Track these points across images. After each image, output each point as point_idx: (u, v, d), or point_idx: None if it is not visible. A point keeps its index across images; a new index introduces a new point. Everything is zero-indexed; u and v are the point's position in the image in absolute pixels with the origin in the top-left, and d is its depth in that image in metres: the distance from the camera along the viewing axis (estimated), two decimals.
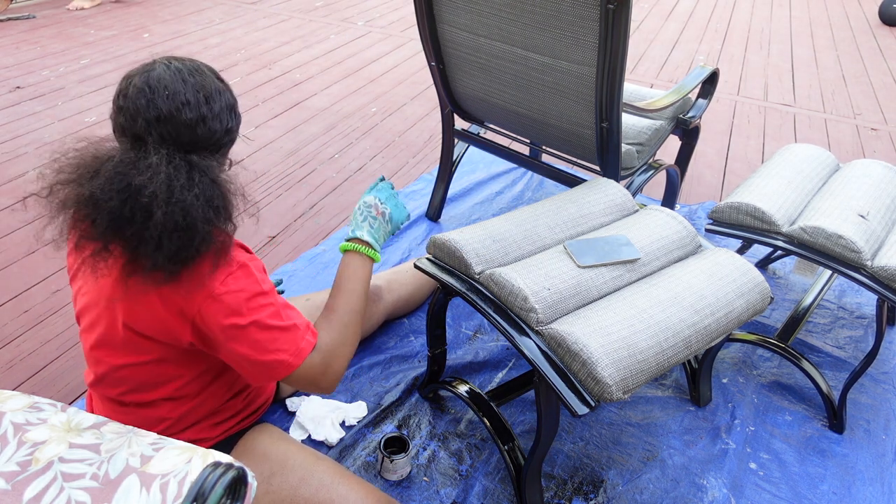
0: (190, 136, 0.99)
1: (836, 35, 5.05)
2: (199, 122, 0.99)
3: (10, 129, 2.94)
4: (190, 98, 0.98)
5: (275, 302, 1.06)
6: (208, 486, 0.69)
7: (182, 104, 0.97)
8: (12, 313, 1.92)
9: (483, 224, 1.46)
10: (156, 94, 0.97)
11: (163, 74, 0.99)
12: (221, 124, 1.02)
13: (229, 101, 1.04)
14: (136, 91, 0.97)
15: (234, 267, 1.02)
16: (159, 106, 0.96)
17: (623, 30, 1.49)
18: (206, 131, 1.00)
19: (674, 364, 1.24)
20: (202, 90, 1.00)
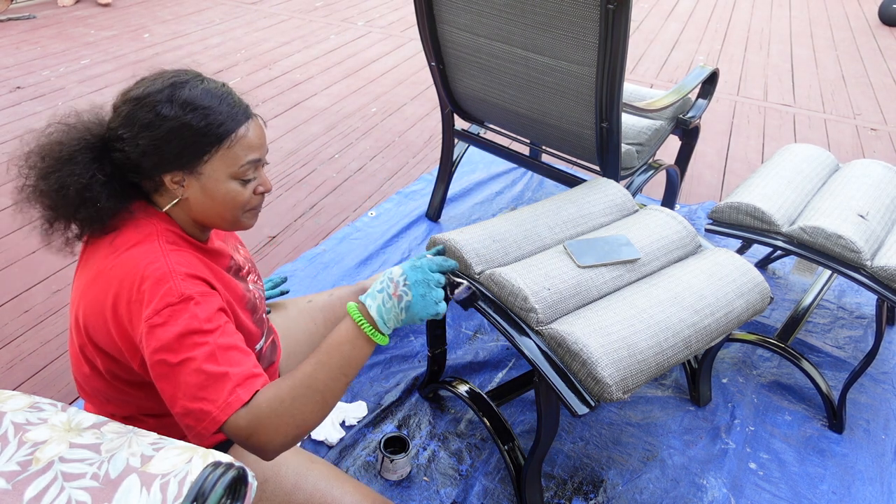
0: None
1: (835, 35, 5.05)
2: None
3: (10, 130, 2.94)
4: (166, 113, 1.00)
5: (212, 342, 0.95)
6: (208, 486, 0.69)
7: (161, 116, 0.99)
8: (12, 313, 1.92)
9: (483, 224, 1.46)
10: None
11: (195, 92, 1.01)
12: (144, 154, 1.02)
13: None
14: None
15: (175, 298, 0.95)
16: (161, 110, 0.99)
17: (623, 30, 1.49)
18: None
19: (674, 364, 1.24)
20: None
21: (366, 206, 2.56)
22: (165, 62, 3.77)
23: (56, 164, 1.01)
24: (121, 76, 3.56)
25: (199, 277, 1.00)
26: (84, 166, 1.01)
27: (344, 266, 2.19)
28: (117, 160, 1.03)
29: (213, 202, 1.05)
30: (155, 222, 1.05)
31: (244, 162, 1.03)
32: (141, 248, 1.00)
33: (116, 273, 0.99)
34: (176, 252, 1.01)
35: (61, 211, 1.03)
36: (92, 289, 1.02)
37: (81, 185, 1.00)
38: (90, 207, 1.01)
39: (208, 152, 1.01)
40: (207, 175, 1.02)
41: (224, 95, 1.02)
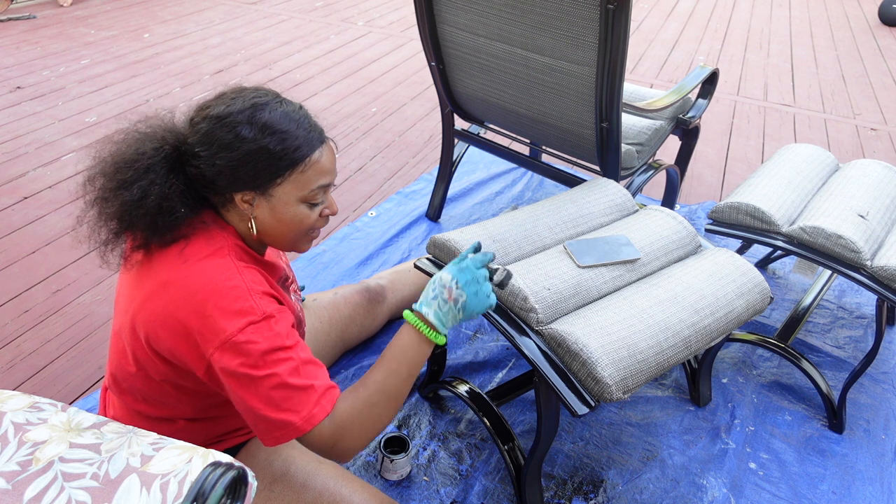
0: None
1: (835, 35, 5.05)
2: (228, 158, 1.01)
3: (10, 129, 2.94)
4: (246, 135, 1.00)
5: (296, 357, 0.99)
6: (208, 486, 0.69)
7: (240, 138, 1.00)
8: (12, 313, 1.92)
9: (483, 224, 1.46)
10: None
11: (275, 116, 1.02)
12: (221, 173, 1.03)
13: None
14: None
15: (257, 316, 0.97)
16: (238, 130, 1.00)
17: (623, 30, 1.49)
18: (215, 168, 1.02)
19: (674, 364, 1.24)
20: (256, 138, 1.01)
21: (366, 206, 2.56)
22: (165, 62, 3.77)
23: (136, 175, 1.00)
24: (121, 76, 3.56)
25: (272, 295, 1.03)
26: (163, 176, 1.01)
27: (344, 266, 2.19)
28: (191, 174, 1.03)
29: (279, 223, 1.06)
30: (225, 235, 1.06)
31: (315, 186, 1.04)
32: (214, 262, 1.01)
33: (190, 285, 0.99)
34: (248, 270, 1.02)
35: (138, 221, 1.01)
36: (160, 296, 1.01)
37: (162, 194, 1.00)
38: (168, 216, 1.01)
39: (282, 175, 1.02)
40: (278, 197, 1.03)
41: (301, 119, 1.03)
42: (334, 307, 1.71)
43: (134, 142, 1.03)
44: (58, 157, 2.74)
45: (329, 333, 1.68)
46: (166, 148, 1.03)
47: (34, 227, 2.30)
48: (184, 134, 1.05)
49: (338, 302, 1.73)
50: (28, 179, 2.57)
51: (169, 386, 1.08)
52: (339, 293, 1.76)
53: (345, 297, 1.75)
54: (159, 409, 1.12)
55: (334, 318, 1.70)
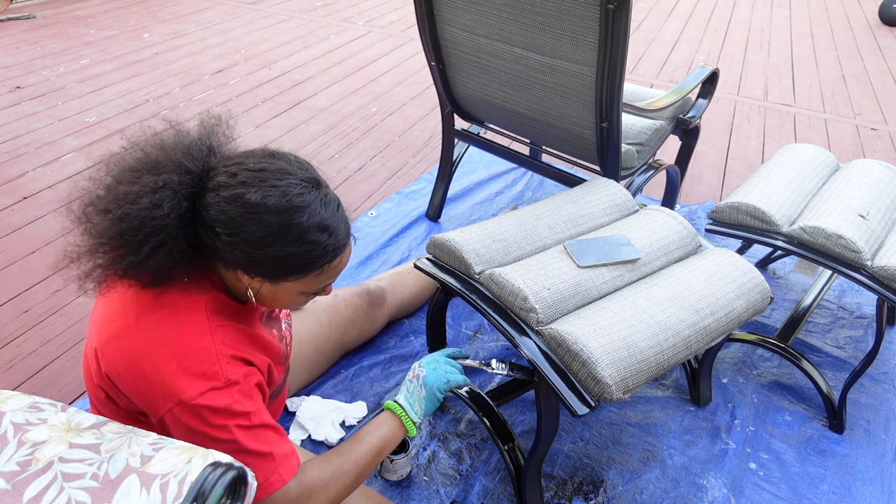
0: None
1: (836, 35, 5.05)
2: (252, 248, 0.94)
3: (10, 129, 2.94)
4: (277, 235, 0.93)
5: (255, 423, 0.98)
6: (208, 486, 0.69)
7: (267, 234, 0.93)
8: (12, 313, 1.92)
9: (483, 224, 1.46)
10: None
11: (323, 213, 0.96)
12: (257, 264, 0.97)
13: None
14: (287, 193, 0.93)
15: (220, 383, 0.95)
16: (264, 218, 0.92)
17: (623, 30, 1.49)
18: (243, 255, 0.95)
19: (674, 364, 1.24)
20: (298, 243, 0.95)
21: (366, 206, 2.56)
22: (165, 62, 3.77)
23: (145, 235, 0.92)
24: (121, 76, 3.56)
25: (241, 358, 1.00)
26: (174, 237, 0.93)
27: None
28: (201, 238, 0.96)
29: (275, 301, 1.04)
30: (207, 287, 1.02)
31: (322, 286, 1.03)
32: (188, 318, 0.97)
33: (159, 336, 0.96)
34: (221, 329, 0.99)
35: (132, 271, 0.95)
36: (127, 338, 0.98)
37: (169, 257, 0.94)
38: (165, 275, 0.96)
39: (297, 276, 0.99)
40: (283, 287, 1.01)
41: (334, 226, 0.97)
42: (334, 310, 1.71)
43: (148, 189, 0.92)
44: (57, 157, 2.74)
45: (329, 336, 1.68)
46: (184, 205, 0.94)
47: (34, 227, 2.30)
48: (203, 182, 0.95)
49: (338, 304, 1.73)
50: (28, 179, 2.57)
51: (138, 415, 1.06)
52: (339, 295, 1.75)
53: (345, 299, 1.75)
54: None
55: (334, 320, 1.70)
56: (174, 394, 0.94)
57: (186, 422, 0.95)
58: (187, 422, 0.95)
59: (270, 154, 0.98)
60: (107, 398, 1.07)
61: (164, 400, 0.95)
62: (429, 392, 1.19)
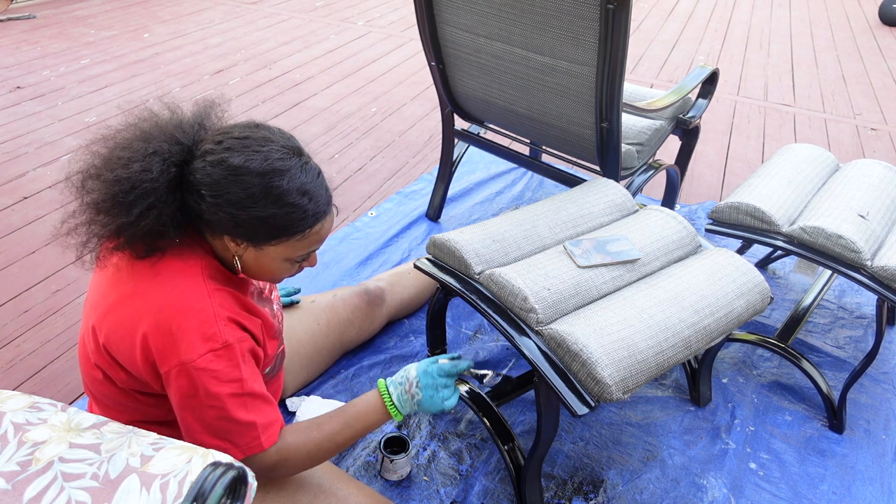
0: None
1: (836, 35, 5.05)
2: (233, 210, 0.97)
3: (10, 129, 2.94)
4: (261, 200, 0.97)
5: (246, 391, 1.02)
6: (208, 486, 0.69)
7: (251, 198, 0.97)
8: (12, 313, 1.92)
9: (483, 224, 1.46)
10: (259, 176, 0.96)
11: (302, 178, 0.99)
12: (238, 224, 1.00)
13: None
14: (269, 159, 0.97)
15: (218, 344, 0.98)
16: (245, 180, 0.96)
17: (623, 30, 1.49)
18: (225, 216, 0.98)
19: (674, 364, 1.24)
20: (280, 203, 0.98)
21: (366, 206, 2.56)
22: (165, 62, 3.77)
23: (136, 197, 0.96)
24: (121, 76, 3.56)
25: (237, 321, 1.03)
26: (163, 200, 0.97)
27: (344, 266, 2.19)
28: (188, 203, 1.00)
29: (260, 269, 1.07)
30: (200, 254, 1.05)
31: (305, 252, 1.06)
32: (185, 281, 1.00)
33: (156, 300, 0.98)
34: (218, 292, 1.02)
35: (126, 236, 0.98)
36: (124, 307, 1.00)
37: (159, 219, 0.97)
38: (157, 237, 0.99)
39: (279, 239, 1.01)
40: (267, 252, 1.03)
41: (314, 191, 1.01)
42: (332, 310, 1.71)
43: (139, 155, 0.97)
44: (58, 157, 2.74)
45: (327, 336, 1.68)
46: (172, 171, 0.98)
47: (34, 227, 2.30)
48: (192, 152, 1.00)
49: (336, 304, 1.73)
50: (28, 179, 2.57)
51: (135, 393, 1.08)
52: (337, 295, 1.75)
53: (343, 299, 1.75)
54: (131, 415, 1.12)
55: (332, 320, 1.70)
56: (174, 355, 0.97)
57: (181, 386, 0.98)
58: (182, 386, 0.98)
59: (255, 125, 1.02)
60: (104, 378, 1.08)
61: (163, 362, 0.98)
62: (422, 410, 1.21)
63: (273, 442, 1.06)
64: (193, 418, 1.00)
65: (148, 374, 1.01)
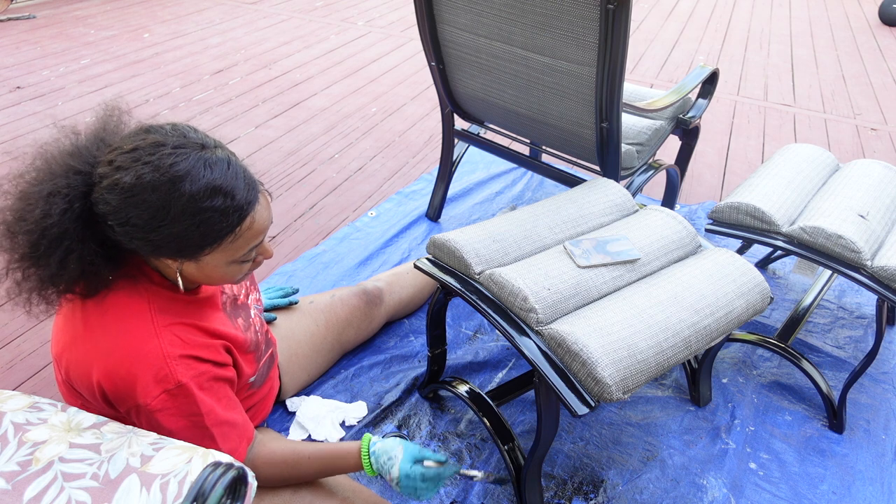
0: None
1: (836, 35, 5.05)
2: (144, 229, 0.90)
3: (10, 130, 2.94)
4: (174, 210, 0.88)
5: (207, 423, 1.01)
6: (208, 486, 0.69)
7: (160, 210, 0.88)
8: (12, 313, 1.92)
9: (483, 224, 1.46)
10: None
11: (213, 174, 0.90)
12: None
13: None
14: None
15: (171, 385, 0.96)
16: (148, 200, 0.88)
17: (623, 30, 1.49)
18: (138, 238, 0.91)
19: (674, 364, 1.24)
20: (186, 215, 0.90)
21: (366, 206, 2.56)
22: (165, 62, 3.77)
23: (49, 245, 0.89)
24: (121, 76, 3.56)
25: (191, 356, 0.99)
26: (79, 241, 0.90)
27: (344, 266, 2.19)
28: (106, 235, 0.93)
29: (208, 278, 1.01)
30: (145, 285, 0.99)
31: (246, 250, 0.98)
32: (132, 322, 0.96)
33: (105, 344, 0.96)
34: (167, 329, 0.98)
35: (62, 284, 0.93)
36: (77, 348, 0.98)
37: (83, 260, 0.91)
38: (93, 278, 0.95)
39: (210, 247, 0.94)
40: (206, 262, 0.97)
41: (230, 183, 0.91)
42: (331, 310, 1.71)
43: (37, 200, 0.89)
44: None
45: (325, 336, 1.68)
46: (76, 207, 0.89)
47: None
48: (92, 176, 0.91)
49: (335, 305, 1.72)
50: None
51: (111, 416, 1.07)
52: (336, 296, 1.75)
53: (342, 299, 1.75)
54: None
55: (331, 321, 1.70)
56: (128, 398, 0.96)
57: (143, 423, 0.98)
58: (143, 423, 0.98)
59: (145, 130, 0.92)
60: (84, 405, 1.08)
61: (120, 403, 0.97)
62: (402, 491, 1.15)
63: (241, 461, 1.06)
64: None
65: (111, 412, 1.01)
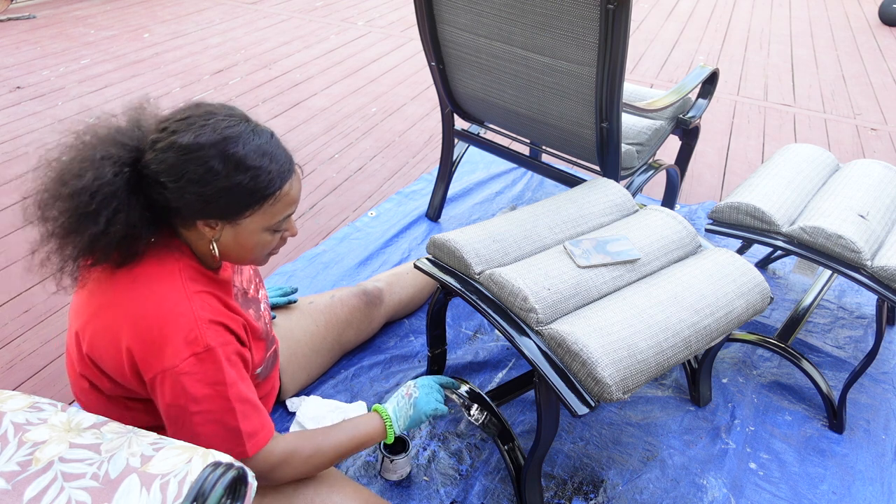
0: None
1: (836, 35, 5.05)
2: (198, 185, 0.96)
3: (10, 129, 2.94)
4: (219, 168, 0.96)
5: (230, 395, 1.01)
6: (208, 486, 0.69)
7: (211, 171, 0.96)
8: (12, 313, 1.92)
9: (483, 224, 1.46)
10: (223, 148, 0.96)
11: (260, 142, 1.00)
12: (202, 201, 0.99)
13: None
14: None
15: (200, 348, 0.97)
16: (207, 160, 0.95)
17: (623, 30, 1.49)
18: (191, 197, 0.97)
19: (674, 364, 1.24)
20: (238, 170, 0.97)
21: (366, 206, 2.56)
22: (165, 62, 3.77)
23: (99, 205, 0.94)
24: (121, 76, 3.56)
25: (220, 323, 1.02)
26: (126, 203, 0.96)
27: (344, 266, 2.19)
28: (153, 198, 0.98)
29: (240, 247, 1.06)
30: (177, 256, 1.04)
31: (281, 217, 1.05)
32: (164, 287, 0.99)
33: (137, 307, 0.98)
34: (198, 295, 1.01)
35: (100, 248, 0.97)
36: (105, 315, 1.00)
37: (128, 222, 0.96)
38: (131, 242, 0.98)
39: (252, 209, 1.01)
40: (244, 226, 1.03)
41: (272, 152, 1.00)
42: (331, 310, 1.71)
43: (89, 164, 0.96)
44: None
45: (325, 337, 1.68)
46: (126, 171, 0.96)
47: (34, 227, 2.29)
48: (141, 149, 0.99)
49: (334, 305, 1.73)
50: (28, 179, 2.57)
51: (123, 400, 1.08)
52: (335, 296, 1.75)
53: (342, 300, 1.75)
54: (122, 418, 1.11)
55: (331, 321, 1.70)
56: (157, 362, 0.96)
57: (167, 391, 0.97)
58: (168, 391, 0.97)
59: (195, 104, 1.02)
60: (90, 387, 1.08)
61: (146, 370, 0.98)
62: (416, 413, 1.29)
63: (258, 449, 1.06)
64: (178, 426, 1.00)
65: (134, 382, 1.01)
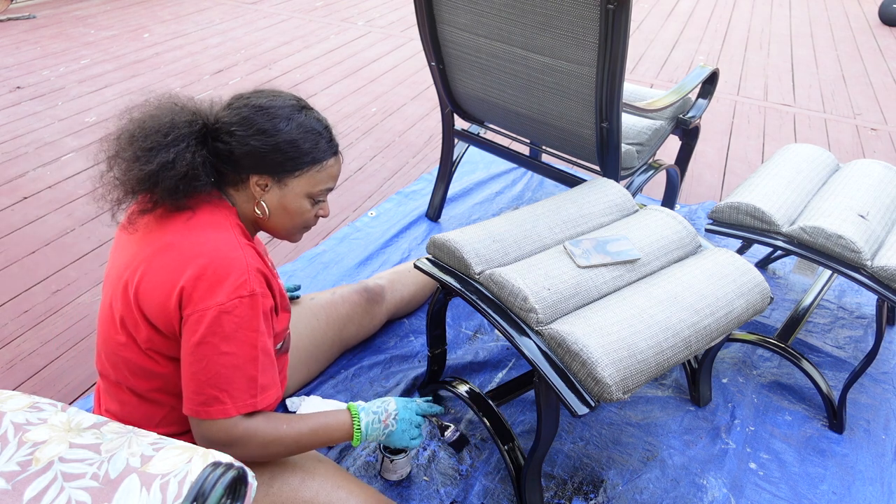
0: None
1: (836, 35, 5.05)
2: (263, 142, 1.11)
3: (10, 129, 2.94)
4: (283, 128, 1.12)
5: (259, 345, 1.07)
6: (208, 486, 0.69)
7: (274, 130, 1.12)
8: (12, 313, 1.92)
9: (483, 224, 1.46)
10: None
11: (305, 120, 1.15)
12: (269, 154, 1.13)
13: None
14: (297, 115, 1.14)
15: (246, 291, 1.05)
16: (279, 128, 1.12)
17: (623, 30, 1.49)
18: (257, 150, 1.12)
19: (674, 364, 1.24)
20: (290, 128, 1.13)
21: (366, 206, 2.56)
22: (165, 62, 3.77)
23: (171, 141, 1.08)
24: (121, 76, 3.56)
25: (264, 274, 1.11)
26: (194, 146, 1.09)
27: (344, 266, 2.19)
28: (218, 149, 1.12)
29: (283, 211, 1.17)
30: (227, 214, 1.13)
31: (323, 187, 1.18)
32: (219, 234, 1.08)
33: (193, 248, 1.06)
34: (247, 246, 1.10)
35: (163, 182, 1.07)
36: (161, 257, 1.07)
37: (192, 161, 1.08)
38: (191, 181, 1.08)
39: (302, 169, 1.14)
40: (290, 187, 1.15)
41: (326, 130, 1.17)
42: (332, 306, 1.71)
43: (168, 111, 1.11)
44: (57, 158, 2.74)
45: (326, 332, 1.68)
46: (198, 122, 1.12)
47: (34, 227, 2.30)
48: (214, 115, 1.14)
49: (336, 301, 1.73)
50: (28, 179, 2.57)
51: (155, 354, 1.11)
52: (337, 293, 1.76)
53: (343, 296, 1.75)
54: (149, 382, 1.14)
55: (332, 317, 1.70)
56: (204, 297, 1.03)
57: (202, 327, 1.02)
58: (203, 327, 1.02)
59: (260, 88, 1.19)
60: (127, 342, 1.11)
61: (190, 304, 1.03)
62: (386, 440, 1.29)
63: (264, 406, 1.09)
64: (201, 365, 1.04)
65: (174, 319, 1.05)
